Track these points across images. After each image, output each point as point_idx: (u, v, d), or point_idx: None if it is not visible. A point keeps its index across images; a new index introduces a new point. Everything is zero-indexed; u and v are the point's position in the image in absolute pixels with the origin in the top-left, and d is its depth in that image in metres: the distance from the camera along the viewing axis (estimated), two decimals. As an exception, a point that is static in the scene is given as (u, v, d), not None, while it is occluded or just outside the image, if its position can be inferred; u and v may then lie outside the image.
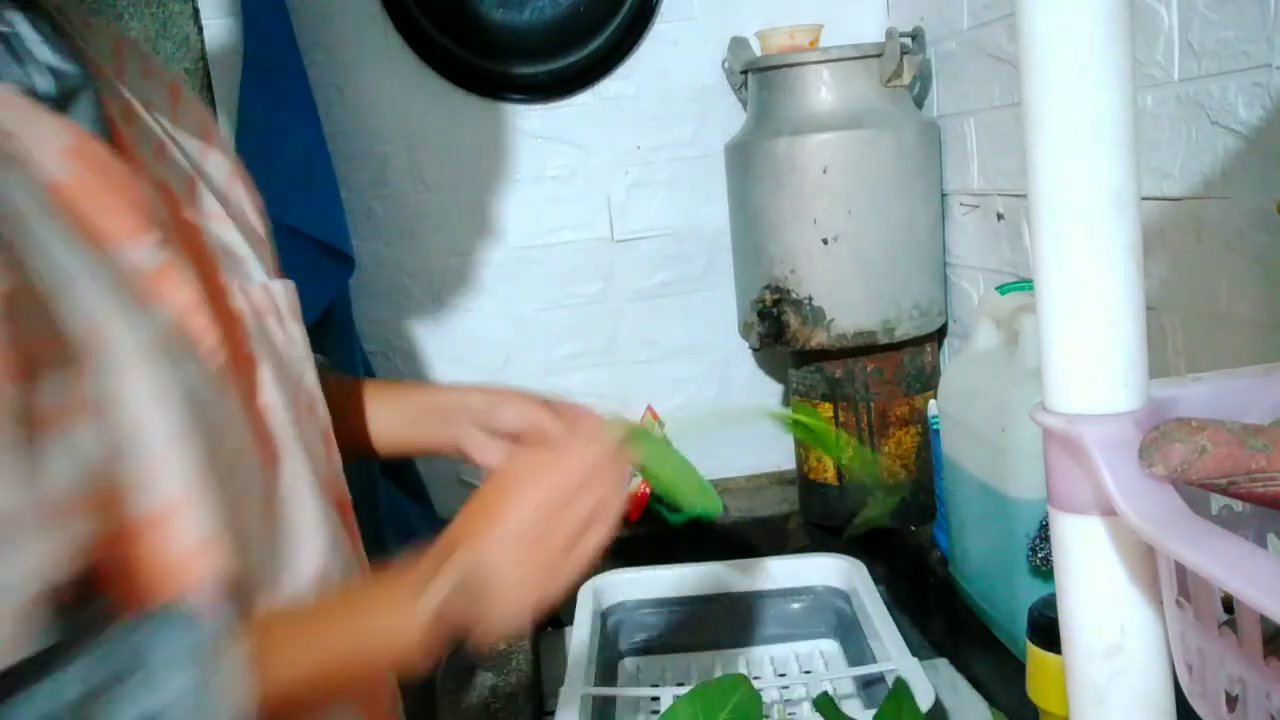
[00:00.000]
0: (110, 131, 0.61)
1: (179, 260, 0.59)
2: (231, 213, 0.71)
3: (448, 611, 0.60)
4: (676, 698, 0.75)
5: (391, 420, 0.85)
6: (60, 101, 0.57)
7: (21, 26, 0.56)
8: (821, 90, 1.26)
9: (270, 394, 0.66)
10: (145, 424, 0.52)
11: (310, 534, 0.65)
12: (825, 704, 0.83)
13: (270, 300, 0.70)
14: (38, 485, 0.46)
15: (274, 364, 0.67)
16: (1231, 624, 0.39)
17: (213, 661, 0.50)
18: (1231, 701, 0.40)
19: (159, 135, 0.68)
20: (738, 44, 1.40)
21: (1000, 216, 1.19)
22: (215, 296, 0.62)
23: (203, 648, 0.50)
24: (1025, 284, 1.03)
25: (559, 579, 0.65)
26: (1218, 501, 0.44)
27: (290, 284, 0.73)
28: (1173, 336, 0.86)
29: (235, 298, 0.66)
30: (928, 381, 1.31)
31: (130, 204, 0.57)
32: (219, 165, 0.74)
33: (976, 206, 1.25)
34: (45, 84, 0.56)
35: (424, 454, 0.89)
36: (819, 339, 1.26)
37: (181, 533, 0.53)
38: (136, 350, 0.53)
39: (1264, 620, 0.36)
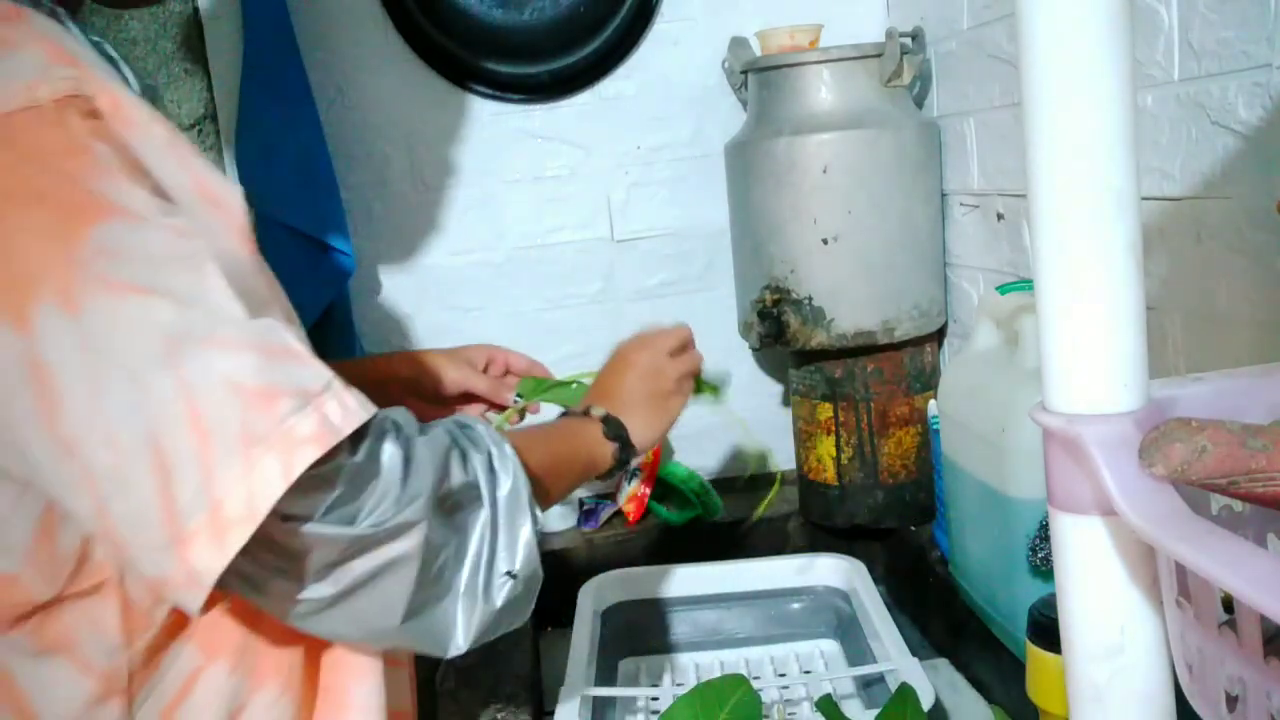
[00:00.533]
0: None
1: (251, 240, 0.69)
2: None
3: (612, 422, 0.86)
4: (676, 698, 0.75)
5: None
6: (147, 97, 0.66)
7: (101, 41, 0.68)
8: (821, 90, 1.26)
9: None
10: None
11: None
12: (827, 706, 0.83)
13: None
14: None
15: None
16: (1231, 624, 0.39)
17: (499, 436, 0.69)
18: (1231, 701, 0.40)
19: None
20: (738, 44, 1.40)
21: (1000, 216, 1.19)
22: None
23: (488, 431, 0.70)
24: (1025, 284, 1.03)
25: (670, 411, 0.93)
26: (1218, 501, 0.44)
27: None
28: (1173, 336, 0.86)
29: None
30: (928, 381, 1.31)
31: (199, 184, 0.67)
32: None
33: (976, 206, 1.25)
34: (136, 86, 0.67)
35: None
36: (819, 339, 1.26)
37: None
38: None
39: (1264, 620, 0.36)
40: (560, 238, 1.49)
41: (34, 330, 0.53)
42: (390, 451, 0.61)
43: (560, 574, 1.20)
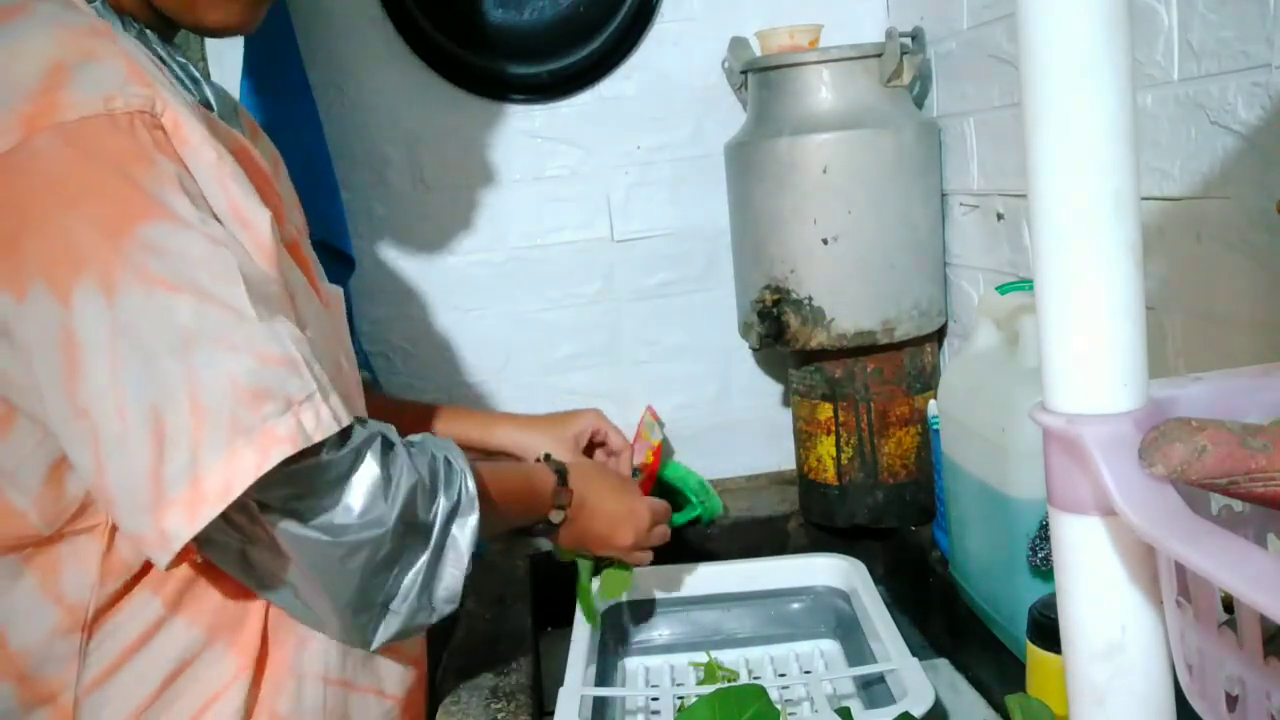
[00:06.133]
0: None
1: (306, 247, 0.81)
2: (301, 229, 0.89)
3: (566, 500, 0.94)
4: (697, 698, 0.75)
5: None
6: (226, 119, 0.76)
7: (188, 62, 0.76)
8: (821, 90, 1.26)
9: (348, 384, 0.84)
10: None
11: None
12: (847, 717, 0.83)
13: (335, 299, 0.88)
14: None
15: (343, 352, 0.85)
16: (1231, 624, 0.39)
17: (476, 491, 0.75)
18: (1231, 701, 0.40)
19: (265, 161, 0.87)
20: (738, 44, 1.40)
21: (1000, 216, 1.19)
22: (310, 280, 0.81)
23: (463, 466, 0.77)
24: (1025, 284, 1.03)
25: (601, 549, 1.02)
26: (1218, 501, 0.44)
27: (340, 290, 0.92)
28: (1173, 336, 0.86)
29: (321, 292, 0.84)
30: (928, 381, 1.31)
31: (274, 195, 0.75)
32: (287, 190, 0.92)
33: (976, 206, 1.25)
34: (216, 103, 0.76)
35: None
36: (819, 339, 1.26)
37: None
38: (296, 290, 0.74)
39: (1264, 620, 0.36)
40: (560, 238, 1.49)
41: (73, 305, 0.60)
42: (368, 467, 0.69)
43: (561, 574, 1.20)
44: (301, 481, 0.65)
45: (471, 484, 0.75)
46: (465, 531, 0.74)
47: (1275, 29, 0.73)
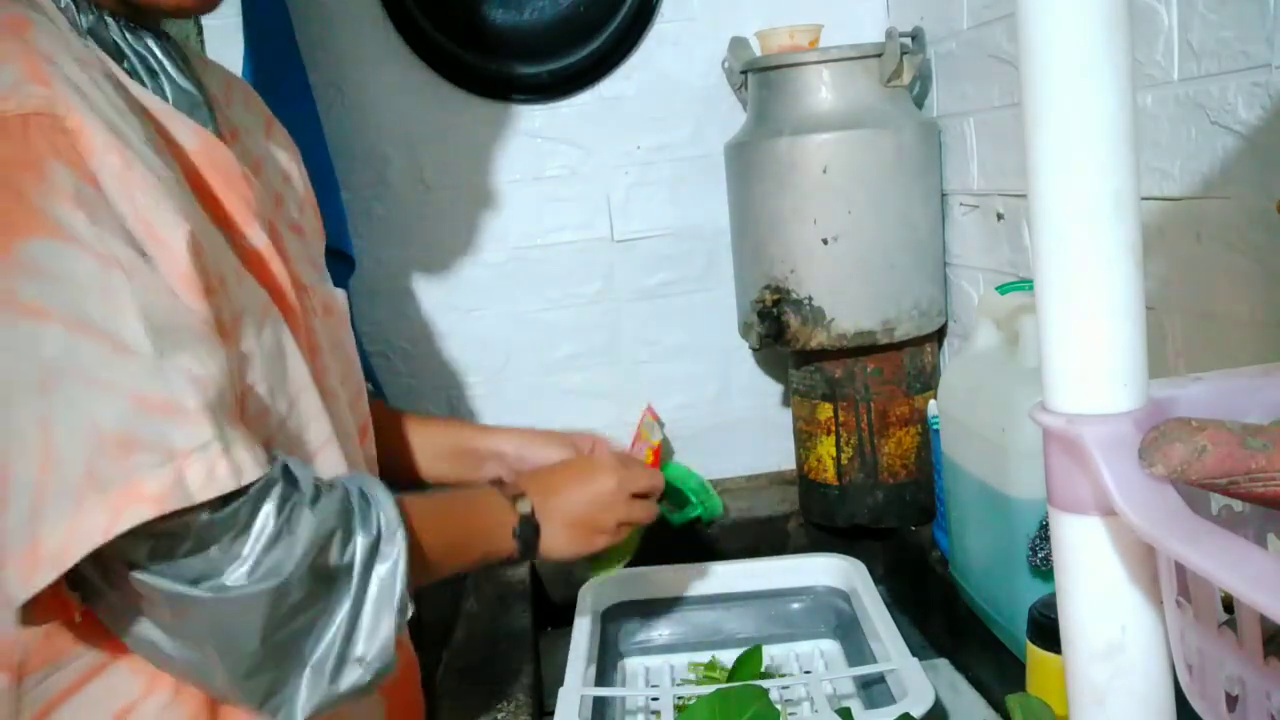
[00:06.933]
0: (223, 143, 0.73)
1: (274, 251, 0.73)
2: (305, 228, 0.87)
3: (529, 525, 0.84)
4: (699, 697, 0.75)
5: (436, 458, 1.03)
6: (186, 112, 0.70)
7: (156, 49, 0.71)
8: (821, 90, 1.26)
9: (335, 384, 0.80)
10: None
11: None
12: (848, 718, 0.83)
13: (336, 305, 0.85)
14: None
15: (339, 361, 0.82)
16: (1231, 624, 0.39)
17: (397, 518, 0.68)
18: (1231, 701, 0.40)
19: (256, 154, 0.83)
20: (738, 44, 1.40)
21: (1000, 216, 1.19)
22: (296, 288, 0.76)
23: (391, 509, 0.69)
24: (1025, 284, 1.03)
25: (592, 545, 0.89)
26: (1218, 501, 0.44)
27: (344, 294, 0.88)
28: (1173, 336, 0.86)
29: (310, 294, 0.80)
30: (928, 381, 1.31)
31: (241, 197, 0.70)
32: (298, 189, 0.89)
33: (976, 206, 1.25)
34: (175, 96, 0.71)
35: (463, 486, 1.02)
36: (819, 339, 1.26)
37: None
38: (247, 310, 0.67)
39: (1264, 620, 0.36)
40: (560, 238, 1.49)
41: None
42: (266, 517, 0.61)
43: (561, 574, 1.21)
44: (177, 540, 0.58)
45: (392, 511, 0.68)
46: (392, 567, 0.66)
47: (1275, 29, 0.73)
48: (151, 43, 0.71)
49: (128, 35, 0.69)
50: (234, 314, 0.65)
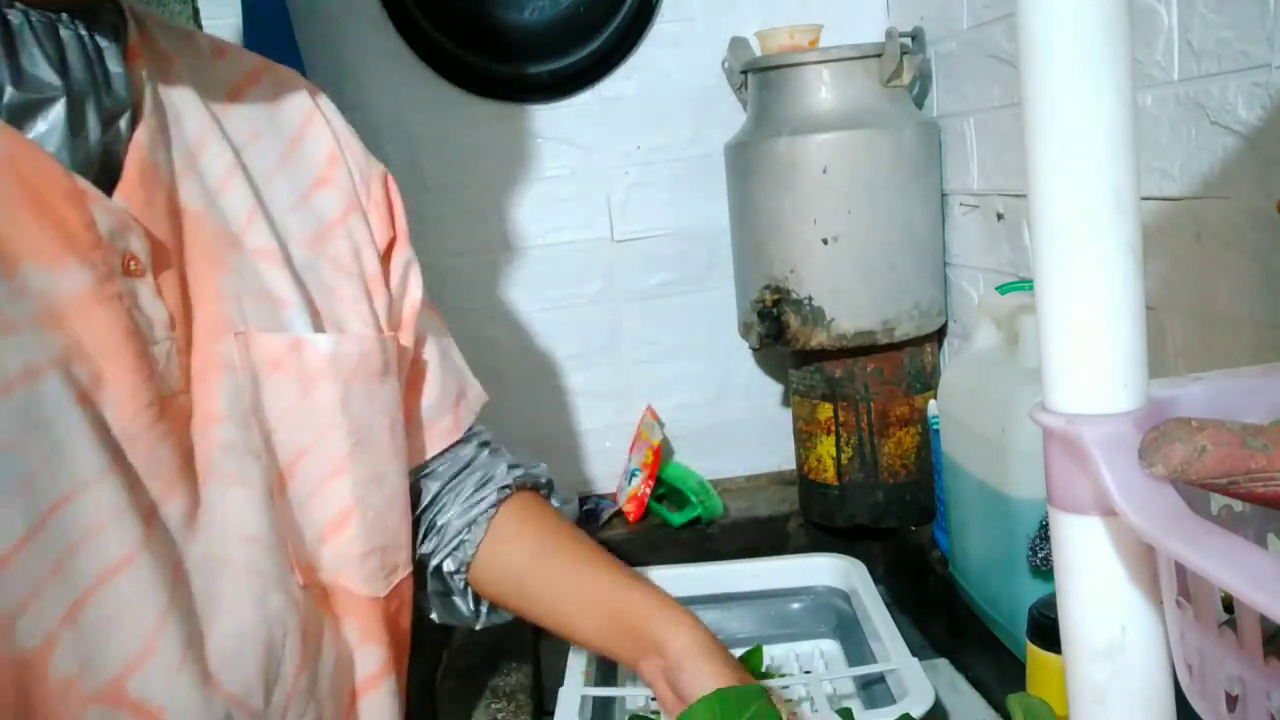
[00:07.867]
0: (118, 152, 0.59)
1: (113, 298, 0.56)
2: (294, 254, 0.69)
3: None
4: (699, 698, 0.75)
5: (598, 624, 0.85)
6: (18, 112, 0.54)
7: (23, 26, 0.54)
8: (821, 90, 1.26)
9: (213, 438, 0.62)
10: None
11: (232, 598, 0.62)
12: (848, 718, 0.83)
13: (294, 355, 0.66)
14: None
15: (238, 420, 0.63)
16: (1231, 624, 0.39)
17: None
18: (1231, 701, 0.40)
19: (226, 164, 0.66)
20: (738, 44, 1.40)
21: (1000, 216, 1.19)
22: (188, 338, 0.61)
23: None
24: (1025, 284, 1.03)
25: None
26: (1218, 501, 0.44)
27: (342, 340, 0.69)
28: (1173, 336, 0.86)
29: (219, 343, 0.63)
30: (928, 381, 1.32)
31: (54, 226, 0.54)
32: (324, 208, 0.73)
33: (976, 206, 1.25)
34: (22, 85, 0.54)
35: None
36: (819, 339, 1.26)
37: None
38: None
39: (1264, 620, 0.36)
40: (560, 238, 1.49)
41: None
42: None
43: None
44: None
45: None
46: None
47: (1275, 29, 0.73)
48: (11, 13, 0.55)
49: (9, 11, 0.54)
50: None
